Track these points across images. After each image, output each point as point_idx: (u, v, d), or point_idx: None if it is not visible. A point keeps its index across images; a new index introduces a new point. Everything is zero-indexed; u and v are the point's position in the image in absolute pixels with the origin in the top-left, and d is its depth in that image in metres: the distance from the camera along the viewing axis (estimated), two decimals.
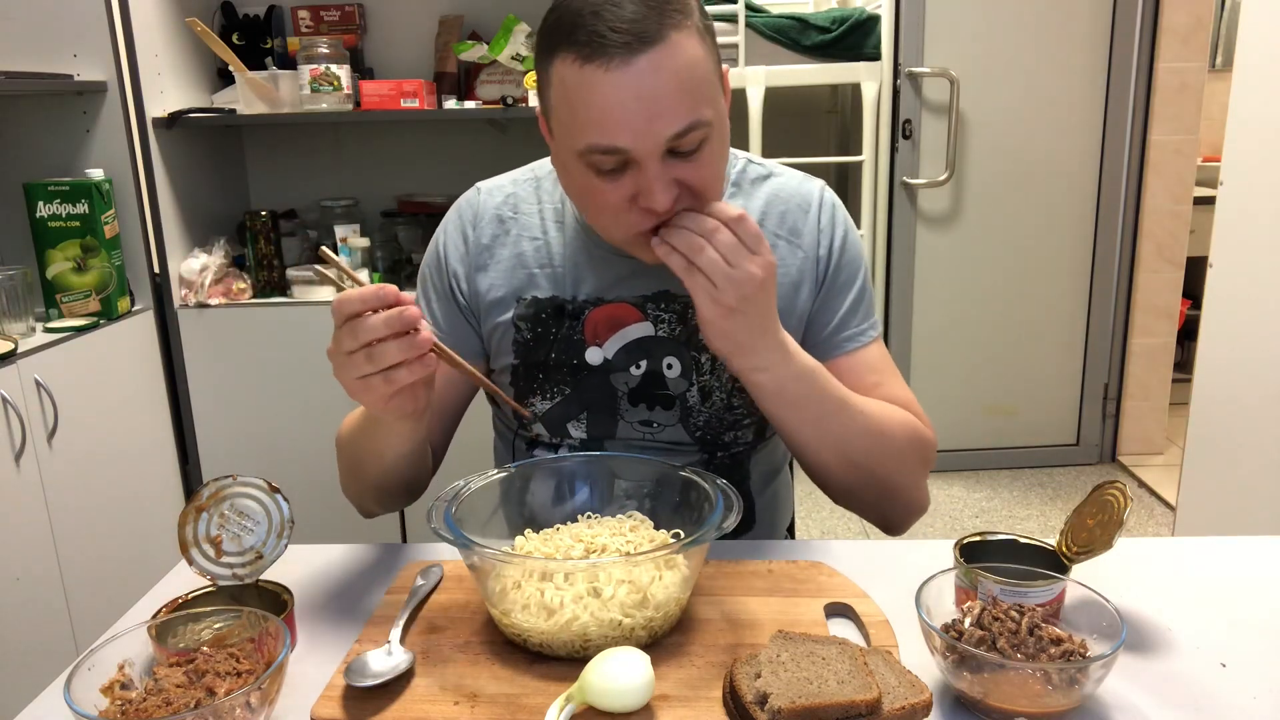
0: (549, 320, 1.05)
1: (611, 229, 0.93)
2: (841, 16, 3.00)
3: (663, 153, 0.85)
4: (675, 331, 1.04)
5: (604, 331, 1.05)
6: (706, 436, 1.07)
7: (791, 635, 0.75)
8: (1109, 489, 0.83)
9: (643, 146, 0.84)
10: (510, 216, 1.09)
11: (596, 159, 0.86)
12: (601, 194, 0.89)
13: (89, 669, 0.68)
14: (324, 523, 2.00)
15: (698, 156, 0.88)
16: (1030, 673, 0.68)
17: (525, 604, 0.78)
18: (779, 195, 1.08)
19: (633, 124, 0.83)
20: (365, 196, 2.64)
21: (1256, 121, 1.93)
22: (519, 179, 1.12)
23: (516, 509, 0.92)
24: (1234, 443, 2.05)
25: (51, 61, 2.07)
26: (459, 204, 1.13)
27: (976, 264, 3.13)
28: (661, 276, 1.03)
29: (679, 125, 0.84)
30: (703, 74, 0.86)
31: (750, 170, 1.10)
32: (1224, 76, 2.12)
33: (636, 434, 1.07)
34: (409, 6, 2.53)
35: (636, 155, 0.85)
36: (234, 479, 0.82)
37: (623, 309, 1.04)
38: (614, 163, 0.86)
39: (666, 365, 1.04)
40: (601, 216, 0.93)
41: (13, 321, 1.94)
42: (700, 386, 1.05)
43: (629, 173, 0.87)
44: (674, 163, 0.87)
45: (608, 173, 0.87)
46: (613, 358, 1.05)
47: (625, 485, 0.94)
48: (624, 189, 0.88)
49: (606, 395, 1.05)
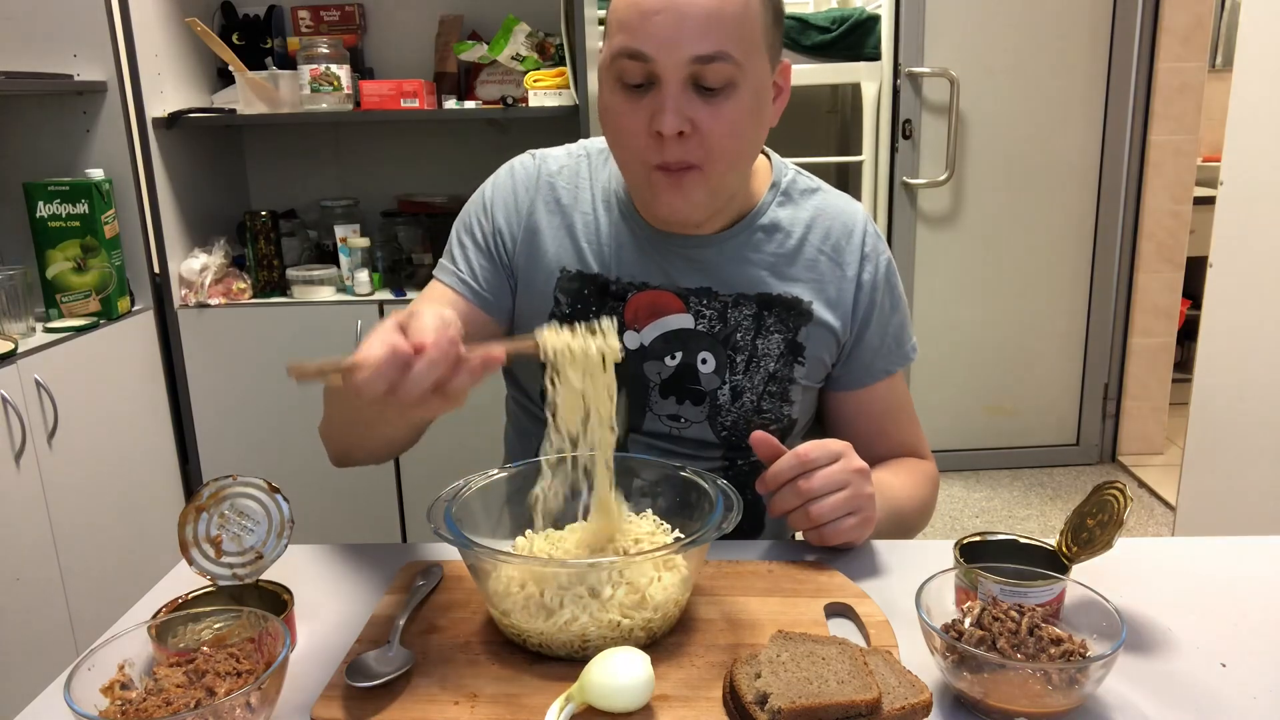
0: (590, 297, 1.05)
1: (633, 164, 0.95)
2: (841, 16, 3.00)
3: (685, 76, 0.88)
4: (714, 329, 1.04)
5: (644, 317, 1.05)
6: (732, 438, 1.07)
7: (791, 635, 0.75)
8: (1109, 489, 0.83)
9: (667, 59, 0.87)
10: (565, 187, 1.09)
11: (623, 65, 0.89)
12: (623, 116, 0.91)
13: (89, 669, 0.68)
14: (324, 523, 2.00)
15: (720, 102, 0.89)
16: (1030, 673, 0.68)
17: (524, 604, 0.78)
18: (825, 212, 1.08)
19: (661, 32, 0.86)
20: (365, 196, 2.64)
21: (1256, 121, 1.93)
22: (573, 152, 1.12)
23: (517, 509, 0.92)
24: (1234, 443, 2.05)
25: (51, 61, 2.07)
26: (513, 164, 1.11)
27: (976, 264, 3.13)
28: (699, 266, 1.04)
29: (705, 48, 0.86)
30: (747, 18, 0.89)
31: (799, 182, 1.10)
32: (1224, 76, 2.12)
33: (663, 428, 1.07)
34: (409, 6, 2.53)
35: (659, 69, 0.87)
36: (234, 479, 0.82)
37: (666, 297, 1.04)
38: (639, 73, 0.89)
39: (701, 360, 1.05)
40: (623, 148, 0.95)
41: (13, 321, 1.94)
42: (732, 386, 1.05)
43: (651, 94, 0.89)
44: (695, 98, 0.89)
45: (633, 89, 0.90)
46: (649, 345, 1.05)
47: (638, 484, 0.94)
48: (644, 111, 0.90)
49: (639, 385, 1.05)
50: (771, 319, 1.05)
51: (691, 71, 0.88)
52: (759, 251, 1.05)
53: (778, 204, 1.07)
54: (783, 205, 1.07)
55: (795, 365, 1.06)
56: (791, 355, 1.06)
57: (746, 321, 1.05)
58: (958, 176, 3.04)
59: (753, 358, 1.05)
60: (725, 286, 1.05)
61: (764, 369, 1.06)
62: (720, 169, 0.94)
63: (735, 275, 1.05)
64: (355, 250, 2.35)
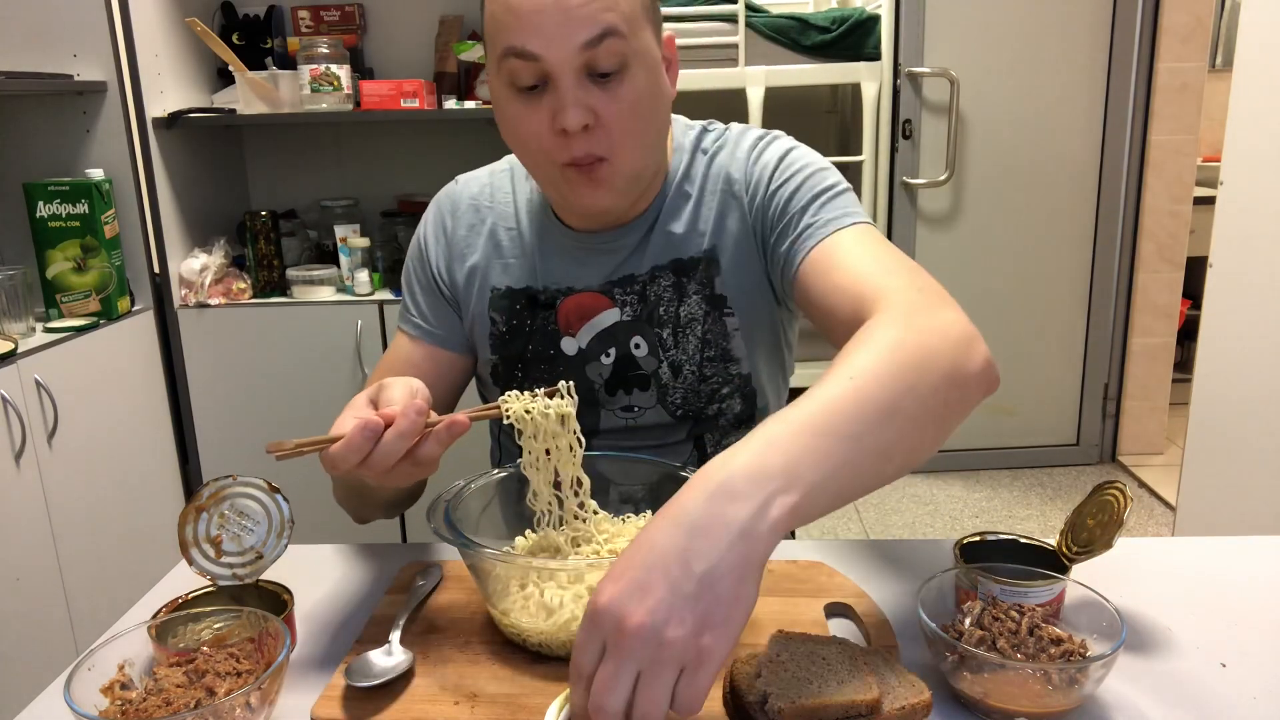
0: (523, 311, 1.06)
1: (542, 166, 0.93)
2: (841, 16, 3.00)
3: (578, 66, 0.86)
4: (638, 311, 1.04)
5: (576, 321, 1.05)
6: (688, 413, 1.06)
7: (791, 635, 0.74)
8: (1109, 489, 0.83)
9: (556, 54, 0.85)
10: (487, 206, 1.09)
11: (512, 66, 0.87)
12: (522, 120, 0.90)
13: (89, 669, 0.68)
14: (324, 523, 2.00)
15: (616, 87, 0.88)
16: (1030, 673, 0.68)
17: (524, 604, 0.78)
18: (722, 153, 1.05)
19: (545, 27, 0.84)
20: (365, 196, 2.65)
21: (1256, 121, 1.93)
22: (496, 170, 1.13)
23: (516, 509, 0.92)
24: (1234, 443, 2.05)
25: (51, 61, 2.07)
26: (438, 196, 1.13)
27: (976, 264, 3.13)
28: (620, 257, 1.04)
29: (592, 30, 0.84)
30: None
31: (705, 138, 1.06)
32: (1224, 76, 2.12)
33: (619, 422, 1.07)
34: (409, 6, 2.53)
35: (550, 65, 0.86)
36: (234, 479, 0.82)
37: (592, 298, 1.04)
38: (531, 75, 0.87)
39: (634, 346, 1.04)
40: (526, 150, 0.93)
41: (13, 321, 1.95)
42: (669, 362, 1.04)
43: (547, 94, 0.88)
44: (592, 88, 0.87)
45: (527, 92, 0.88)
46: (586, 347, 1.05)
47: (623, 489, 0.94)
48: (543, 113, 0.88)
49: (585, 388, 1.05)
50: (691, 283, 1.03)
51: (584, 60, 0.86)
52: (670, 218, 1.03)
53: (685, 164, 1.05)
54: (690, 164, 1.05)
55: (725, 317, 1.03)
56: (716, 309, 1.03)
57: (667, 293, 1.03)
58: (958, 176, 3.04)
59: (678, 327, 1.03)
60: (641, 265, 1.03)
61: (694, 335, 1.03)
62: (630, 155, 0.92)
63: (648, 250, 1.03)
64: (355, 250, 2.35)
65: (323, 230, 2.52)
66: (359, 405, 0.77)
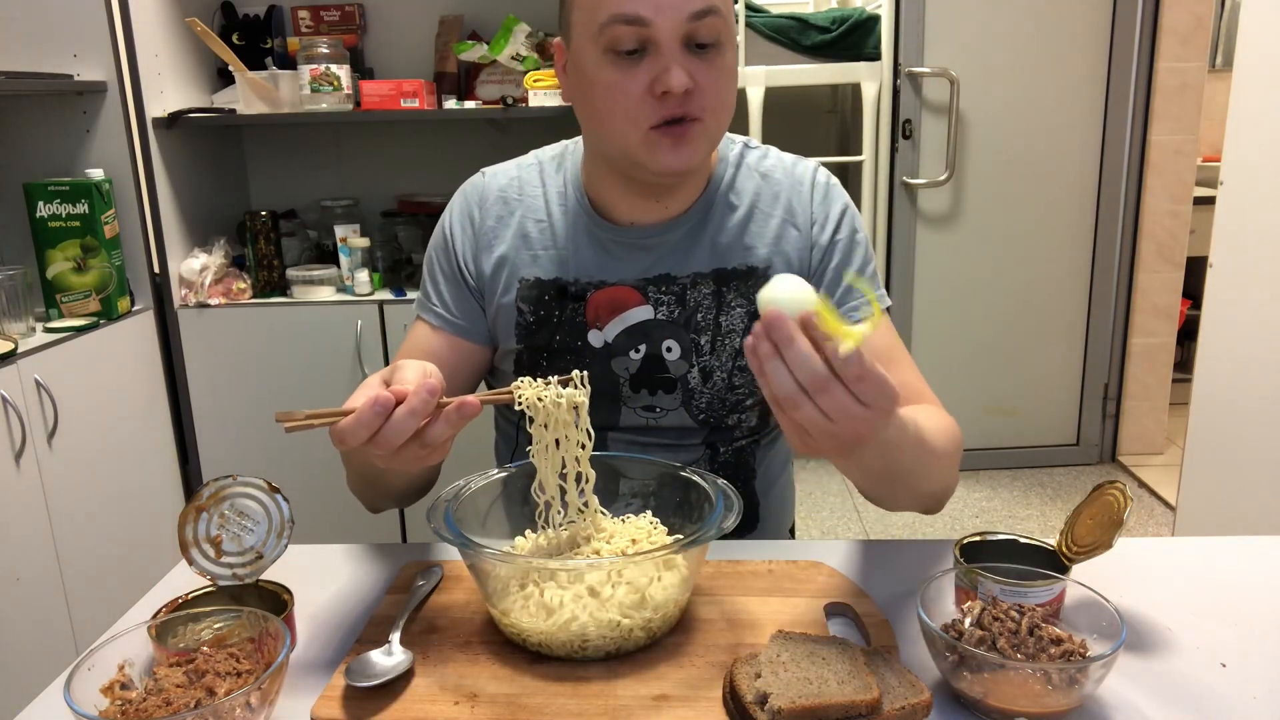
0: (551, 302, 1.06)
1: (628, 130, 0.94)
2: (841, 16, 3.00)
3: (682, 36, 0.90)
4: (674, 314, 1.04)
5: (605, 314, 1.05)
6: (710, 420, 1.07)
7: (791, 635, 0.75)
8: (1109, 489, 0.83)
9: (663, 21, 0.89)
10: (515, 198, 1.09)
11: (617, 32, 0.90)
12: (619, 86, 0.92)
13: (89, 669, 0.68)
14: (324, 523, 2.00)
15: (714, 58, 0.92)
16: (1030, 673, 0.68)
17: (524, 604, 0.78)
18: (774, 176, 1.08)
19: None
20: (365, 196, 2.65)
21: (1256, 121, 1.93)
22: (523, 164, 1.13)
23: (517, 509, 0.92)
24: (1234, 443, 2.05)
25: (51, 61, 2.07)
26: (464, 187, 1.13)
27: (976, 264, 3.13)
28: (657, 255, 1.04)
29: (700, 4, 0.89)
30: None
31: (749, 151, 1.10)
32: (1224, 76, 2.12)
33: (639, 420, 1.07)
34: (409, 6, 2.54)
35: (656, 33, 0.89)
36: (234, 479, 0.82)
37: (624, 292, 1.05)
38: (634, 39, 0.90)
39: (666, 349, 1.05)
40: (616, 116, 0.94)
41: (13, 321, 1.94)
42: (701, 368, 1.05)
43: (647, 58, 0.91)
44: (691, 58, 0.91)
45: (626, 56, 0.91)
46: (613, 341, 1.05)
47: (628, 485, 0.94)
48: (641, 76, 0.91)
49: (609, 383, 1.06)
50: (731, 293, 1.05)
51: (688, 30, 0.90)
52: (716, 227, 1.05)
53: (730, 176, 1.07)
54: (735, 176, 1.07)
55: None
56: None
57: (707, 300, 1.05)
58: (958, 176, 3.04)
59: (717, 336, 1.05)
60: (682, 268, 1.05)
61: (730, 345, 1.05)
62: (719, 119, 0.96)
63: (691, 255, 1.05)
64: (355, 250, 2.35)
65: (323, 230, 2.52)
66: (372, 384, 0.76)
